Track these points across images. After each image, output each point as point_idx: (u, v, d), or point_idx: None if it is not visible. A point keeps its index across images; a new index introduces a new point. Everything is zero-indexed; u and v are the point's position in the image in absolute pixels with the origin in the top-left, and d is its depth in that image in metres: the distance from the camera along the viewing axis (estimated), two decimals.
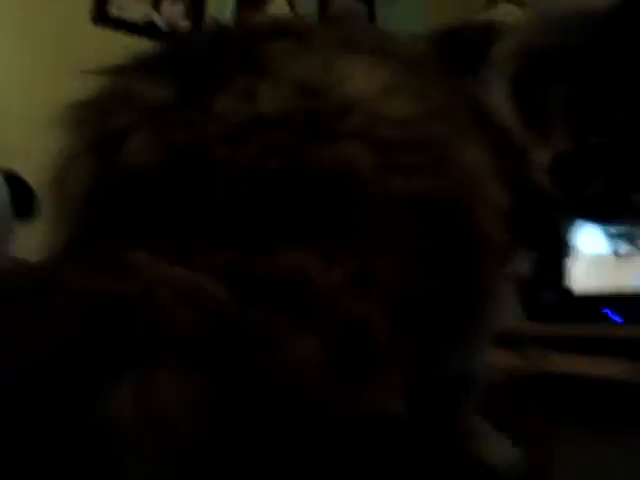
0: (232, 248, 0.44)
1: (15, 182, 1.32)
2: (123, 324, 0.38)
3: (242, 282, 0.42)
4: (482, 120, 0.56)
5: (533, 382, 1.74)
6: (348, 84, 0.48)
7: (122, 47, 0.54)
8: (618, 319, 1.72)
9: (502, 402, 0.72)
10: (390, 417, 0.51)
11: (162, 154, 0.45)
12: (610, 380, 1.52)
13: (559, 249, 0.66)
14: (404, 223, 0.47)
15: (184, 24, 2.15)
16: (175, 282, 0.41)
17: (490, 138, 0.54)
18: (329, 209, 0.45)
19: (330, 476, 0.46)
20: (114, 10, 2.06)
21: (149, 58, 0.52)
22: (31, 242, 0.52)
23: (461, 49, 0.60)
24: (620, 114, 0.56)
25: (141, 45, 0.56)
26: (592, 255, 1.82)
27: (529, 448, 0.66)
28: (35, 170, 0.54)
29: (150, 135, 0.46)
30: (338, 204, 0.45)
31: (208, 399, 0.38)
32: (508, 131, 0.58)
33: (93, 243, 0.45)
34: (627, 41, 0.56)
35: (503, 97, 0.59)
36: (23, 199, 1.29)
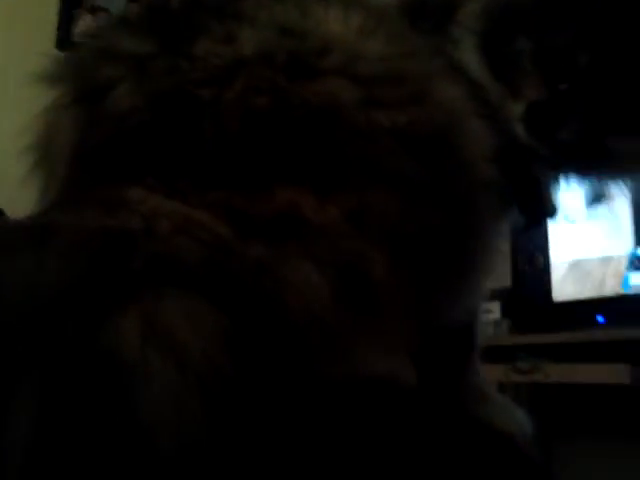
0: (225, 187, 0.44)
1: None
2: (124, 257, 0.38)
3: (238, 219, 0.42)
4: (456, 73, 0.58)
5: (528, 394, 1.74)
6: (325, 26, 0.50)
7: None
8: (603, 322, 1.73)
9: None
10: (399, 383, 0.51)
11: (148, 99, 0.46)
12: (608, 385, 1.52)
13: (542, 207, 0.67)
14: (393, 157, 0.47)
15: None
16: (174, 215, 0.41)
17: (466, 90, 0.56)
18: (319, 145, 0.45)
19: (333, 437, 0.45)
20: (77, 36, 2.08)
21: (128, 17, 0.54)
22: None
23: (430, 10, 0.62)
24: (584, 59, 0.57)
25: None
26: (573, 261, 1.87)
27: None
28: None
29: (135, 83, 0.46)
30: (327, 139, 0.46)
31: (218, 326, 0.37)
32: (481, 86, 0.60)
33: (87, 188, 0.45)
34: None
35: (473, 54, 0.61)
36: None
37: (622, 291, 1.77)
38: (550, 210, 0.69)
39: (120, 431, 0.33)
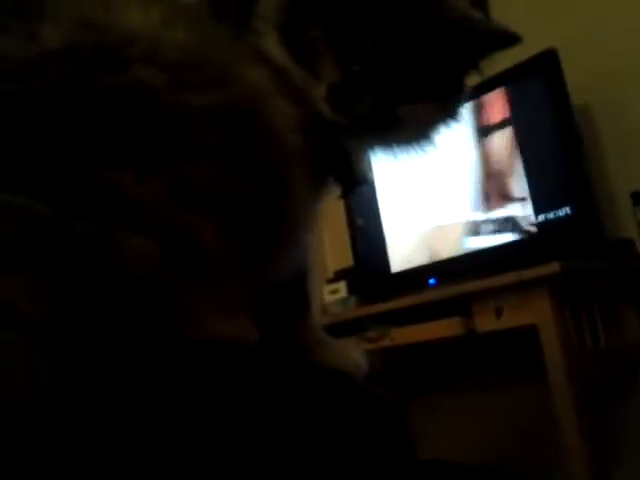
0: (44, 173, 0.45)
1: None
2: None
3: (58, 200, 0.44)
4: (259, 59, 0.64)
5: (381, 360, 1.87)
6: (127, 19, 0.53)
7: None
8: (434, 283, 1.89)
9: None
10: (243, 343, 0.55)
11: None
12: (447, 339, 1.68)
13: (353, 175, 0.75)
14: (204, 132, 0.51)
15: None
16: None
17: (269, 73, 0.61)
18: (132, 128, 0.49)
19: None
20: None
21: None
22: None
23: (231, 4, 0.68)
24: (369, 42, 0.65)
25: None
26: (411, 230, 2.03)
27: None
28: None
29: None
30: (139, 122, 0.49)
31: (52, 296, 0.40)
32: (284, 70, 0.66)
33: None
34: None
35: (275, 43, 0.67)
36: None
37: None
38: (361, 177, 0.77)
39: None
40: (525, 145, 1.85)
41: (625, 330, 1.74)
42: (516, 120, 1.87)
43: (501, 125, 1.90)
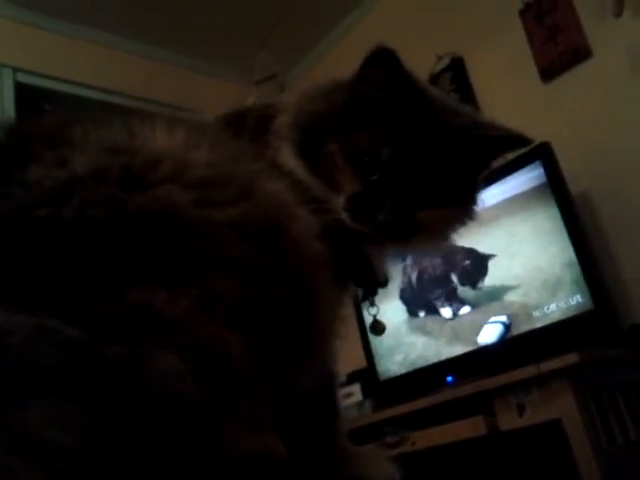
0: (73, 296, 0.45)
1: None
2: None
3: (90, 322, 0.44)
4: (278, 172, 0.65)
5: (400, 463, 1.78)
6: (152, 143, 0.54)
7: None
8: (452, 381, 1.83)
9: None
10: (270, 458, 0.53)
11: None
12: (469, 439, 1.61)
13: (374, 279, 0.75)
14: (231, 247, 0.51)
15: None
16: (23, 326, 0.41)
17: (288, 184, 0.63)
18: (159, 245, 0.49)
19: None
20: None
21: None
22: None
23: (249, 123, 0.70)
24: (386, 153, 0.67)
25: None
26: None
27: None
28: None
29: None
30: (166, 239, 0.49)
31: (84, 423, 0.38)
32: (305, 184, 0.68)
33: None
34: (368, 98, 0.69)
35: (292, 157, 0.69)
36: None
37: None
38: (382, 281, 0.77)
39: None
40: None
41: None
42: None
43: None
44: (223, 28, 2.88)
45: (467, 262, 1.97)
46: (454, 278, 2.01)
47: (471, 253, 1.96)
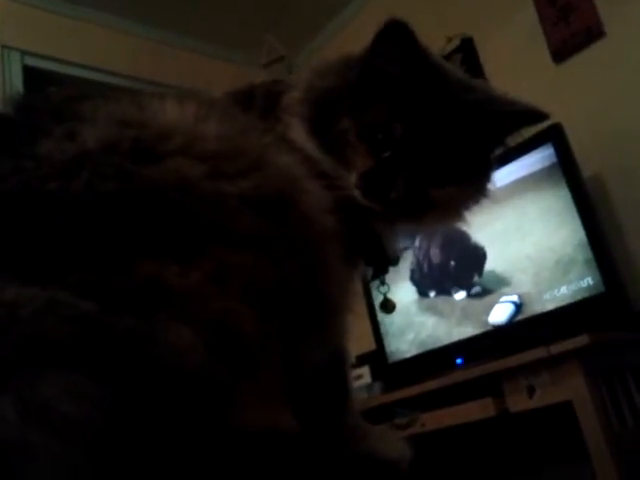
0: (84, 269, 0.45)
1: None
2: None
3: (104, 297, 0.44)
4: (288, 146, 0.64)
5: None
6: (162, 115, 0.54)
7: None
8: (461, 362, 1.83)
9: None
10: (281, 431, 0.53)
11: None
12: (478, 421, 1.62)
13: (385, 256, 0.74)
14: (243, 220, 0.51)
15: None
16: (35, 299, 0.41)
17: (299, 158, 0.62)
18: (172, 217, 0.48)
19: None
20: None
21: None
22: None
23: (258, 98, 0.69)
24: (399, 129, 0.66)
25: None
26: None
27: None
28: None
29: None
30: (179, 212, 0.49)
31: (96, 395, 0.38)
32: (316, 159, 0.67)
33: None
34: (382, 73, 0.68)
35: (303, 133, 0.68)
36: None
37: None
38: (392, 259, 0.76)
39: None
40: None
41: None
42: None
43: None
44: (231, 10, 2.86)
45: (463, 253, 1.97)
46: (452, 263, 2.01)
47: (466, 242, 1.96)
